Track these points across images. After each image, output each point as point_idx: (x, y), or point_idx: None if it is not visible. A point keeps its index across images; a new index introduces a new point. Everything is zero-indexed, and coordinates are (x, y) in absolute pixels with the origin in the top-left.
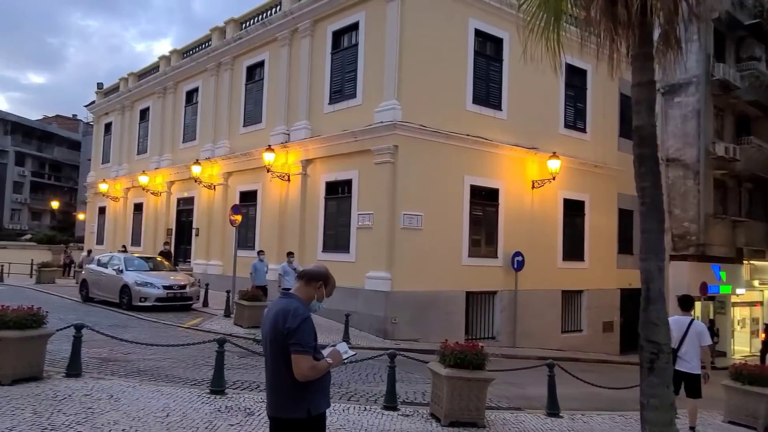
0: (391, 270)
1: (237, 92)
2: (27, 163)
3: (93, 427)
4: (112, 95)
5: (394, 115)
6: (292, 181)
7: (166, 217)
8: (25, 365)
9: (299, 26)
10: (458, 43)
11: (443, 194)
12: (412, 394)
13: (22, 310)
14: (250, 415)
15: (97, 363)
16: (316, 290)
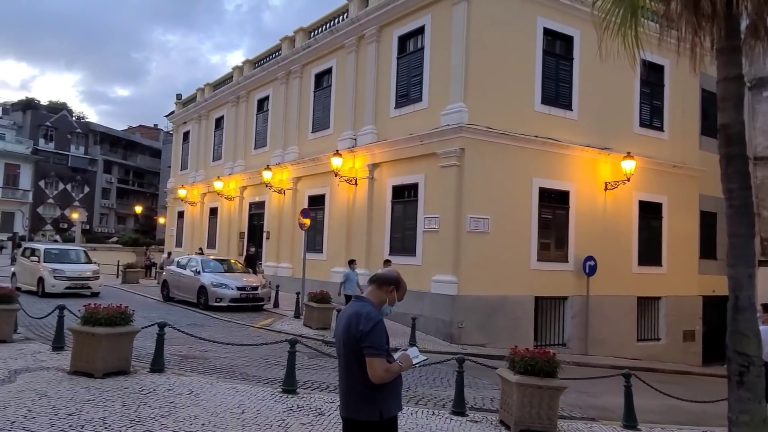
0: (458, 273)
1: (306, 99)
2: (113, 171)
3: (175, 420)
4: (189, 105)
5: (461, 118)
6: (359, 185)
7: (238, 221)
8: (114, 360)
9: (366, 32)
10: (526, 42)
11: (511, 197)
12: (480, 399)
13: (112, 309)
14: (321, 415)
15: (178, 360)
16: (388, 294)
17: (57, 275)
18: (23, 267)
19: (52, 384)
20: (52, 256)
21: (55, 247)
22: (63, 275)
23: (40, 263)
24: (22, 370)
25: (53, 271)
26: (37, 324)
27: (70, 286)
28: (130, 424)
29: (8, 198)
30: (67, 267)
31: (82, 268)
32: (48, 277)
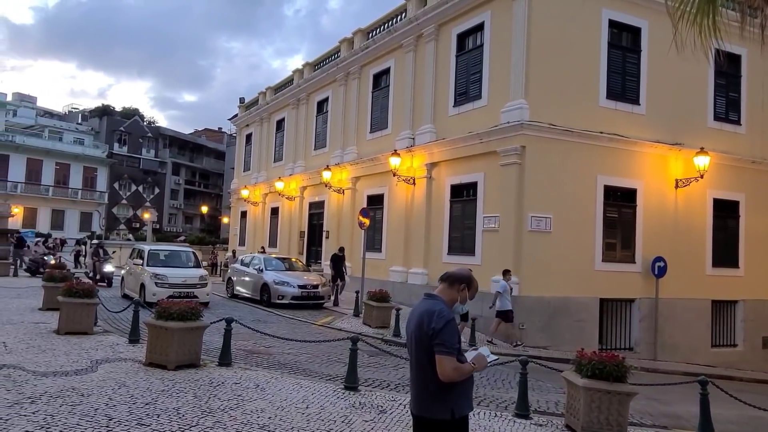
0: (518, 274)
1: (364, 100)
2: (181, 173)
3: (243, 412)
4: (252, 108)
5: (522, 115)
6: (417, 184)
7: (299, 220)
8: (185, 353)
9: (424, 31)
10: (590, 36)
11: (574, 195)
12: (544, 403)
13: (183, 304)
14: (383, 412)
15: (244, 354)
16: (459, 293)
17: (159, 281)
18: (129, 271)
19: (130, 374)
20: (156, 258)
21: (161, 248)
22: (165, 281)
23: (143, 266)
24: (103, 360)
25: (155, 276)
26: (115, 318)
27: (174, 295)
28: (201, 414)
29: (86, 199)
30: (170, 272)
31: (188, 274)
32: (149, 283)
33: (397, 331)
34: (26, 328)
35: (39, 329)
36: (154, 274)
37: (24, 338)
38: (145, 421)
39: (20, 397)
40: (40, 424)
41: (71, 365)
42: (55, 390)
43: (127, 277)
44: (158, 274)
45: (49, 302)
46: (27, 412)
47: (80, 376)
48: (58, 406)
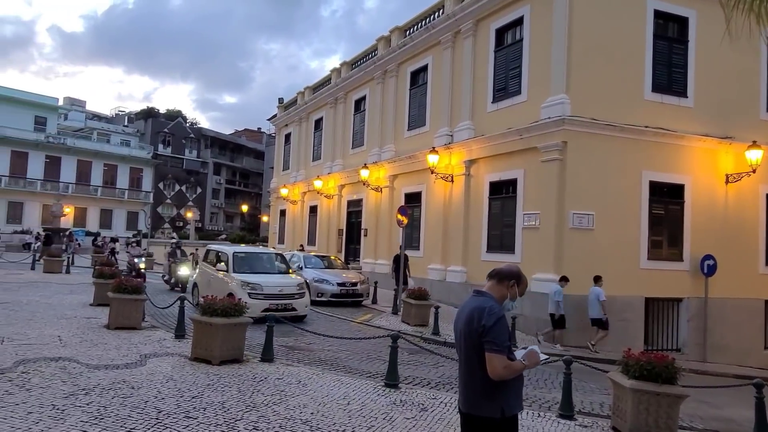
0: (560, 272)
1: (401, 98)
2: (222, 173)
3: (286, 408)
4: (290, 108)
5: (563, 110)
6: (455, 181)
7: (337, 219)
8: (229, 348)
9: (462, 27)
10: (635, 27)
11: (618, 192)
12: (588, 404)
13: (227, 301)
14: (424, 410)
15: (286, 351)
16: (509, 289)
17: (253, 292)
18: (205, 277)
19: (177, 368)
20: (243, 263)
21: (247, 251)
22: (260, 292)
23: (228, 273)
24: (151, 354)
25: (247, 285)
26: (161, 313)
27: (270, 308)
28: (245, 409)
29: (133, 199)
30: (264, 280)
31: (284, 282)
32: (241, 294)
33: (436, 329)
34: (79, 323)
35: (90, 324)
36: (246, 282)
37: (77, 332)
38: (192, 414)
39: (75, 389)
40: (93, 415)
41: (121, 359)
42: (107, 382)
43: (201, 284)
44: (251, 283)
45: (99, 298)
46: (82, 403)
47: (130, 370)
48: (111, 397)
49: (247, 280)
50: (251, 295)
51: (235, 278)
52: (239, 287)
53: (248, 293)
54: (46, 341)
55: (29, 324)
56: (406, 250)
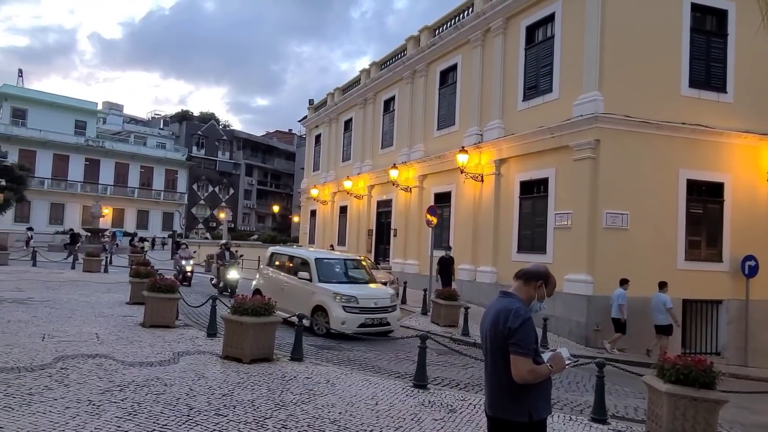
0: (593, 273)
1: (431, 97)
2: (254, 174)
3: (315, 407)
4: (320, 110)
5: (596, 107)
6: (485, 181)
7: (367, 219)
8: (259, 347)
9: (491, 25)
10: (670, 21)
11: (653, 191)
12: (622, 408)
13: (257, 300)
14: (453, 412)
15: (314, 350)
16: (536, 290)
17: (348, 305)
18: (275, 284)
19: (208, 366)
20: (330, 271)
21: (329, 257)
22: (356, 305)
23: (313, 282)
24: (184, 352)
25: (341, 298)
26: (194, 312)
27: (366, 323)
28: (275, 407)
29: (168, 200)
30: (358, 292)
31: (378, 294)
32: (334, 307)
33: (466, 330)
34: (115, 321)
35: (126, 322)
36: (339, 294)
37: (114, 330)
38: (223, 412)
39: (111, 385)
40: (128, 411)
41: (155, 356)
42: (141, 379)
43: (269, 292)
44: (345, 295)
45: (135, 297)
46: (117, 399)
47: (163, 367)
48: (144, 394)
49: (340, 291)
50: (346, 309)
51: (324, 289)
52: (331, 299)
53: (343, 306)
54: (84, 338)
55: (69, 321)
56: (435, 250)
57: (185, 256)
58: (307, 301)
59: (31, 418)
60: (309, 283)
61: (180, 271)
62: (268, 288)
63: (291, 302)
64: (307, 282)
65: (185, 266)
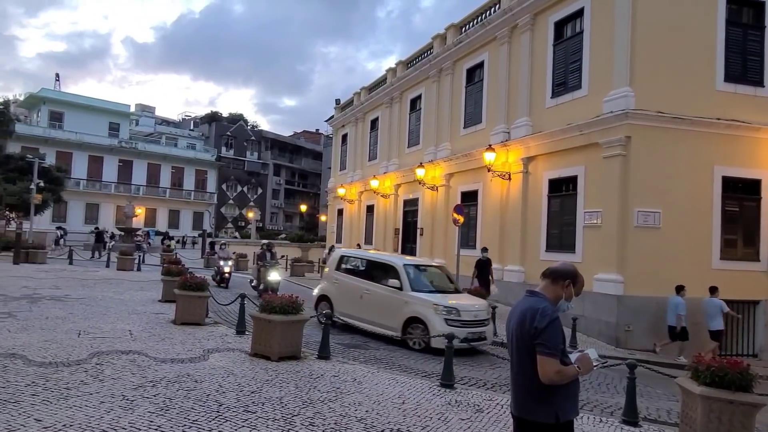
0: (623, 272)
1: (457, 95)
2: (282, 173)
3: (342, 405)
4: (347, 109)
5: (626, 103)
6: (512, 179)
7: (393, 218)
8: (287, 345)
9: (519, 22)
10: (705, 14)
11: (687, 188)
12: (654, 410)
13: (285, 298)
14: (480, 411)
15: (342, 348)
16: (564, 289)
17: (450, 318)
18: (351, 291)
19: (237, 363)
20: (418, 279)
21: (417, 263)
22: (458, 318)
23: (404, 291)
24: (213, 350)
25: (442, 309)
26: (223, 310)
27: (468, 338)
28: (302, 405)
29: (198, 200)
30: (457, 303)
31: (476, 305)
32: (434, 319)
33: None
34: (148, 318)
35: (158, 319)
36: (441, 306)
37: (146, 327)
38: (252, 409)
39: (144, 381)
40: (160, 406)
41: (186, 353)
42: (173, 375)
43: (343, 299)
44: (447, 307)
45: (167, 295)
46: (149, 394)
47: (194, 364)
48: (175, 390)
49: (441, 302)
50: (448, 322)
51: (421, 299)
52: (431, 311)
53: (444, 319)
54: (118, 335)
55: (103, 318)
56: (462, 249)
57: (224, 256)
58: (397, 312)
59: (68, 412)
60: (399, 292)
61: (218, 272)
62: (340, 295)
63: (373, 312)
64: (395, 291)
65: (223, 267)
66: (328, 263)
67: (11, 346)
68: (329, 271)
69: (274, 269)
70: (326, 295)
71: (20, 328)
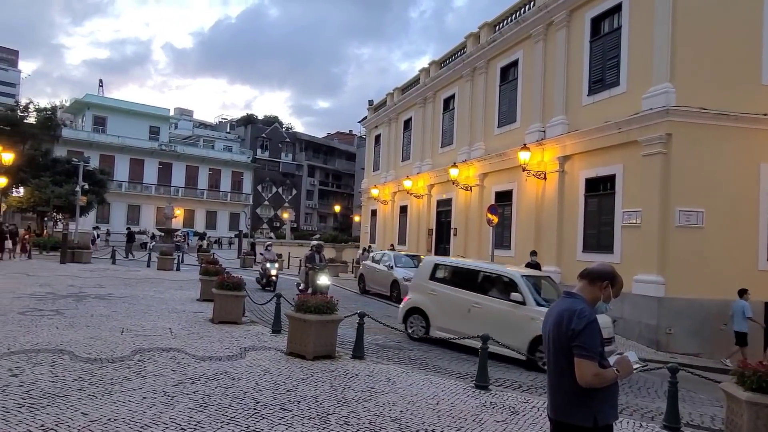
0: (664, 273)
1: (491, 94)
2: (316, 174)
3: (376, 404)
4: (380, 110)
5: (667, 100)
6: (548, 179)
7: (427, 218)
8: (322, 345)
9: (554, 19)
10: (748, 6)
11: (732, 187)
12: (697, 416)
13: (319, 298)
14: (515, 414)
15: (375, 348)
16: (602, 290)
17: None
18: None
19: (273, 362)
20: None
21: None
22: None
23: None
24: (250, 348)
25: None
26: (259, 309)
27: None
28: (337, 404)
29: (234, 201)
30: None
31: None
32: None
33: None
34: (187, 317)
35: (197, 318)
36: None
37: (185, 325)
38: (288, 407)
39: (183, 378)
40: (199, 403)
41: (224, 351)
42: (211, 373)
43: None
44: None
45: (205, 294)
46: (189, 391)
47: (231, 362)
48: (214, 387)
49: None
50: None
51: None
52: None
53: None
54: (158, 333)
55: (145, 316)
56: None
57: (270, 258)
58: (521, 330)
59: (113, 407)
60: (522, 307)
61: (264, 275)
62: (438, 308)
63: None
64: (517, 305)
65: (270, 269)
66: (417, 272)
67: (59, 343)
68: (419, 281)
69: (324, 273)
70: (419, 308)
71: (67, 325)
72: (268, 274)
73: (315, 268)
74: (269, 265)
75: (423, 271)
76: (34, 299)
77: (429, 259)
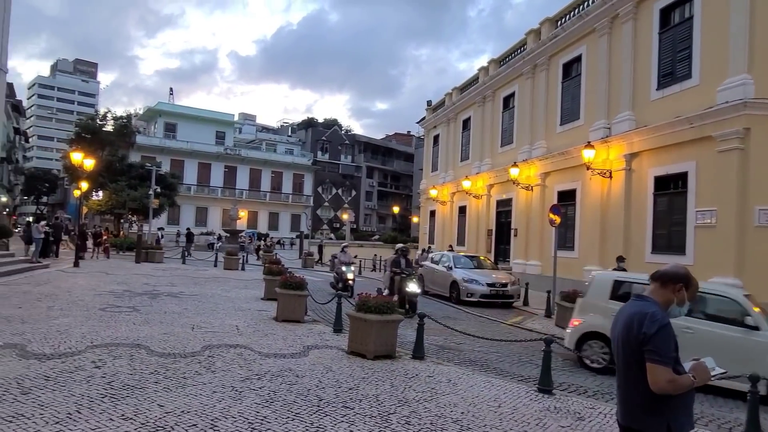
0: (742, 276)
1: (553, 91)
2: (374, 176)
3: (437, 405)
4: (439, 110)
5: (744, 92)
6: (614, 177)
7: (486, 219)
8: (382, 344)
9: (620, 11)
10: None
11: None
12: None
13: (380, 298)
14: (581, 419)
15: (436, 349)
16: (676, 293)
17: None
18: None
19: (335, 361)
20: None
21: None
22: None
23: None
24: (312, 346)
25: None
26: (321, 309)
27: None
28: (398, 403)
29: (295, 203)
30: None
31: None
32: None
33: None
34: (252, 315)
35: (261, 316)
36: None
37: (251, 323)
38: (350, 405)
39: (250, 374)
40: (265, 398)
41: (287, 349)
42: (276, 370)
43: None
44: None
45: (269, 293)
46: (255, 386)
47: (295, 359)
48: (279, 383)
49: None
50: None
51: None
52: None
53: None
54: (226, 330)
55: (213, 314)
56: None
57: (345, 260)
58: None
59: (185, 400)
60: (755, 333)
61: (339, 279)
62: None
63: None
64: (747, 331)
65: (346, 273)
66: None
67: (136, 338)
68: (595, 300)
69: (413, 279)
70: (600, 333)
71: (143, 321)
72: (345, 278)
73: (403, 274)
74: (345, 268)
75: (599, 290)
76: (113, 296)
77: (605, 275)
